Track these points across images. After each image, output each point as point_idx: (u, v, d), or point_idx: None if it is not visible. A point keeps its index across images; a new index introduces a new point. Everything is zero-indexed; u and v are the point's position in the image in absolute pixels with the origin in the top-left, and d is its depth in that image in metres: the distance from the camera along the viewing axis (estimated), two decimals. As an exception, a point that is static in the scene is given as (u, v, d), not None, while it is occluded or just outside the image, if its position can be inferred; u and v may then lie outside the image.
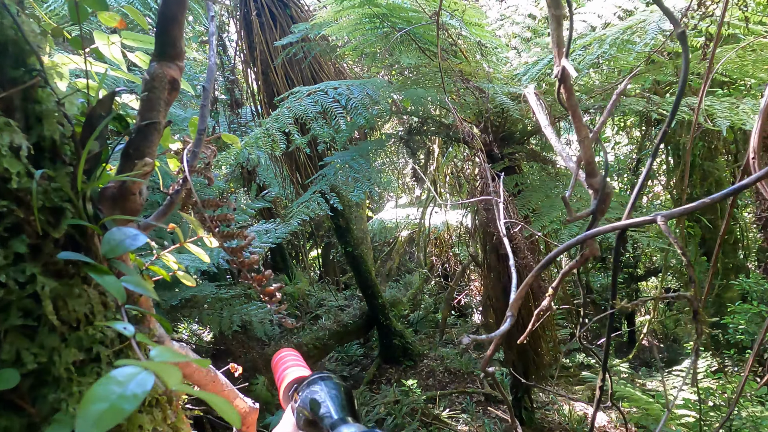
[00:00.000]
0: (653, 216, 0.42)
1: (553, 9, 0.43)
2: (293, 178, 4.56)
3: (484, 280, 4.91)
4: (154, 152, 0.45)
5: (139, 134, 0.44)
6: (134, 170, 0.42)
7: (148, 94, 0.44)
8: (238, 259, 0.45)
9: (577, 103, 0.45)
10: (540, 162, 3.49)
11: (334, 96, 2.67)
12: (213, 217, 0.45)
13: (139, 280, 0.36)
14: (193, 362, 0.29)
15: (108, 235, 0.37)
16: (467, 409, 4.38)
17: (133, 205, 0.44)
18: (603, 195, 0.47)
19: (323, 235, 8.49)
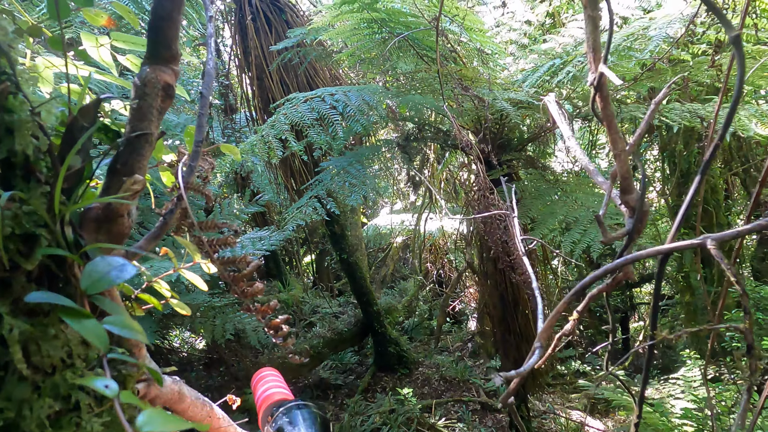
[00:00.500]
0: (702, 239, 0.38)
1: (589, 10, 0.39)
2: (288, 184, 4.51)
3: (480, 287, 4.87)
4: (145, 167, 0.40)
5: (128, 147, 0.39)
6: (122, 189, 0.37)
7: (139, 102, 0.39)
8: (240, 288, 0.40)
9: (614, 114, 0.40)
10: (538, 169, 3.46)
11: (331, 102, 2.63)
12: (212, 241, 0.40)
13: (125, 320, 0.31)
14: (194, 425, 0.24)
15: (89, 266, 0.32)
16: (463, 418, 4.33)
17: (120, 228, 0.38)
18: (640, 214, 0.43)
19: (317, 241, 8.43)
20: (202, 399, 0.57)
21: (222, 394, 3.24)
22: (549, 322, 0.43)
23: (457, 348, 6.31)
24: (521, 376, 0.39)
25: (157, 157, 0.50)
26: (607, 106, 0.41)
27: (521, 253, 0.74)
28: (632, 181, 0.43)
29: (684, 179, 5.12)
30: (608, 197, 0.47)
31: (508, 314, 3.44)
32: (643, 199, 0.43)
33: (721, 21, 0.36)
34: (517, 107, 2.63)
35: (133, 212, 0.39)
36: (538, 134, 3.53)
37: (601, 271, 0.41)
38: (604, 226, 0.44)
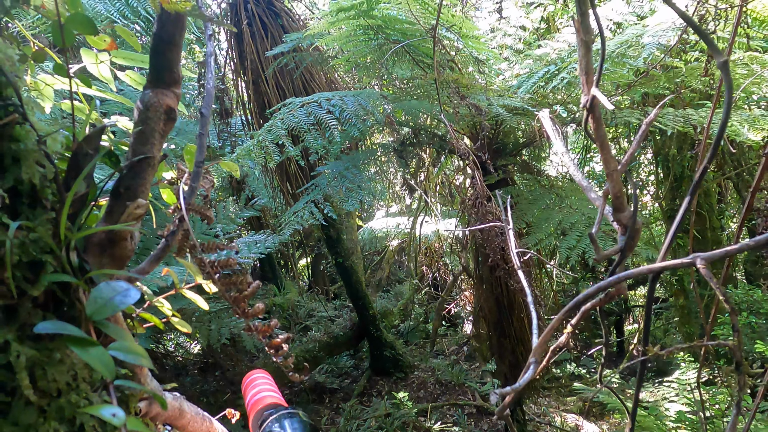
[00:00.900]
0: (691, 258, 0.39)
1: (582, 34, 0.39)
2: (283, 188, 4.51)
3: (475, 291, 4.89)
4: (148, 190, 0.40)
5: (130, 171, 0.40)
6: (126, 213, 0.38)
7: (141, 127, 0.40)
8: (241, 308, 0.41)
9: (606, 135, 0.41)
10: (533, 173, 3.48)
11: (328, 107, 2.64)
12: (213, 263, 0.41)
13: (130, 345, 0.31)
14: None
15: (95, 292, 0.32)
16: (459, 422, 4.33)
17: (123, 251, 0.39)
18: (632, 231, 0.43)
19: (313, 245, 8.42)
20: (201, 414, 0.57)
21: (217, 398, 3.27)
22: (543, 338, 0.44)
23: (453, 351, 6.32)
24: (516, 392, 0.40)
25: (158, 174, 0.51)
26: (600, 127, 0.42)
27: (517, 267, 0.75)
28: (624, 199, 0.44)
29: (677, 183, 5.16)
30: (601, 215, 0.47)
31: (503, 318, 3.45)
32: (635, 217, 0.44)
33: (710, 47, 0.37)
34: (513, 113, 2.64)
35: (135, 235, 0.40)
36: (533, 139, 3.55)
37: (594, 289, 0.42)
38: (597, 243, 0.45)
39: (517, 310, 3.42)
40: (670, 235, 0.42)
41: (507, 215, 0.89)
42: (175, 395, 0.51)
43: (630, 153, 0.45)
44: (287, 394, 4.92)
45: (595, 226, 0.48)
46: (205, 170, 0.48)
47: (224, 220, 3.71)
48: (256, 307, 0.40)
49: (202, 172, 0.43)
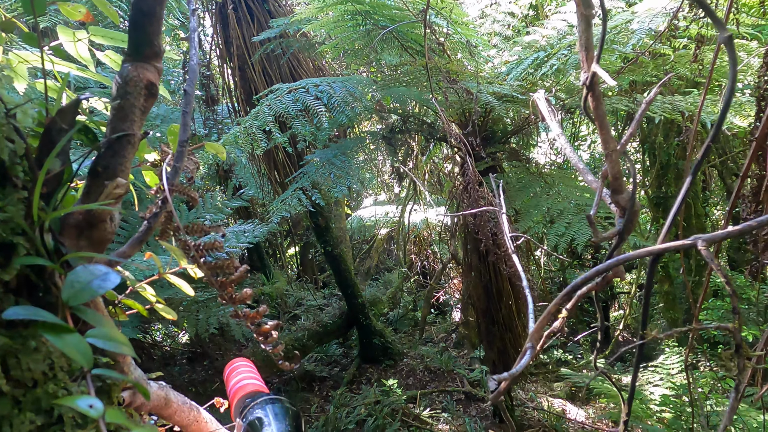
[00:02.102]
0: (693, 240, 0.38)
1: (582, 8, 0.38)
2: (271, 176, 4.47)
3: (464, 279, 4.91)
4: (128, 169, 0.38)
5: (109, 149, 0.37)
6: (104, 194, 0.36)
7: (120, 102, 0.37)
8: (227, 294, 0.39)
9: (605, 113, 0.40)
10: (521, 161, 3.49)
11: (316, 94, 2.61)
12: (199, 245, 0.39)
13: (110, 332, 0.29)
14: None
15: (71, 276, 0.30)
16: (448, 408, 4.37)
17: (102, 234, 0.37)
18: (631, 214, 0.42)
19: (301, 233, 8.39)
20: (188, 403, 0.56)
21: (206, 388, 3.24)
22: (540, 323, 0.43)
23: (442, 339, 6.37)
24: (513, 377, 0.39)
25: (140, 156, 0.48)
26: (599, 105, 0.41)
27: (511, 251, 0.74)
28: (623, 181, 0.43)
29: (663, 171, 5.21)
30: (599, 197, 0.46)
31: (491, 305, 3.47)
32: (633, 199, 0.43)
33: (714, 21, 0.36)
34: (502, 100, 2.63)
35: (115, 217, 0.38)
36: (522, 127, 3.55)
37: (593, 272, 0.41)
38: (595, 225, 0.44)
39: (506, 297, 3.44)
40: (671, 216, 0.41)
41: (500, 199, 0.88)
42: (160, 384, 0.49)
43: (630, 133, 0.43)
44: (276, 382, 4.92)
45: (593, 208, 0.47)
46: (190, 152, 0.46)
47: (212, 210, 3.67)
48: (244, 293, 0.39)
49: (186, 152, 0.41)
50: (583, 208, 2.39)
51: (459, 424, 4.10)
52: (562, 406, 4.49)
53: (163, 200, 0.39)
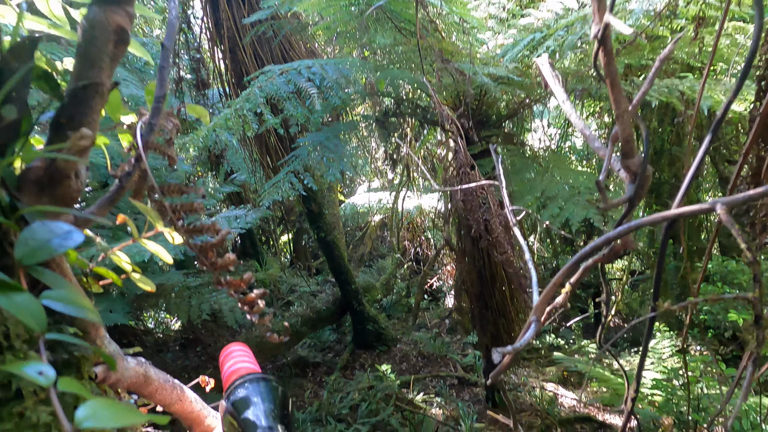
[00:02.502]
0: (711, 203, 0.35)
1: (594, -48, 0.35)
2: (263, 161, 4.42)
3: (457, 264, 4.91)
4: (95, 122, 0.35)
5: (74, 99, 0.34)
6: (67, 145, 0.32)
7: (86, 47, 0.34)
8: (209, 260, 0.36)
9: (617, 71, 0.37)
10: (516, 145, 3.46)
11: (308, 75, 2.56)
12: (175, 207, 0.35)
13: (72, 295, 0.26)
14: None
15: (26, 233, 0.27)
16: (441, 393, 4.39)
17: (66, 191, 0.33)
18: (642, 179, 0.40)
19: (294, 220, 8.35)
20: (171, 381, 0.53)
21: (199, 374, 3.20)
22: (545, 296, 0.41)
23: (435, 325, 6.38)
24: (517, 351, 0.37)
25: (115, 117, 0.44)
26: (611, 61, 0.38)
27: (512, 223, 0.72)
28: (634, 144, 0.40)
29: (657, 156, 5.20)
30: (608, 162, 0.44)
31: (485, 290, 3.47)
32: (645, 163, 0.40)
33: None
34: (497, 82, 2.59)
35: (82, 173, 0.34)
36: (517, 110, 3.52)
37: (602, 240, 0.38)
38: (605, 192, 0.41)
39: (499, 282, 3.44)
40: (687, 180, 0.39)
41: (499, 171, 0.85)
42: (139, 360, 0.46)
43: (642, 92, 0.41)
44: (270, 368, 4.92)
45: (602, 173, 0.44)
46: (170, 113, 0.43)
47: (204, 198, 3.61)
48: (227, 258, 0.36)
49: (162, 109, 0.38)
50: (578, 190, 2.37)
51: (452, 409, 4.12)
52: (555, 390, 4.53)
53: (136, 158, 0.35)
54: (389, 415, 3.76)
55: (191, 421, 0.56)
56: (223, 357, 0.66)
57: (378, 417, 3.75)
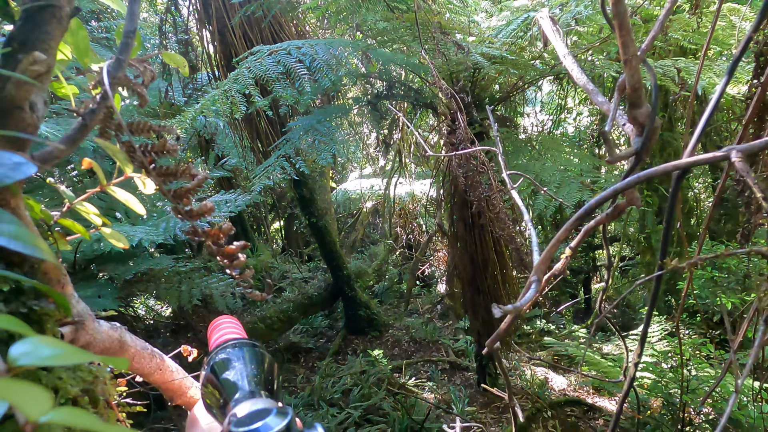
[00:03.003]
0: (726, 150, 0.33)
1: None
2: (254, 146, 4.36)
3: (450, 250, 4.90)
4: (53, 50, 0.31)
5: (27, 22, 0.30)
6: (18, 70, 0.29)
7: (41, -36, 0.30)
8: (183, 206, 0.33)
9: (626, 11, 0.35)
10: (509, 128, 3.44)
11: (298, 56, 2.50)
12: (146, 147, 0.32)
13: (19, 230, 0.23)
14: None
15: (-35, 161, 0.24)
16: (433, 377, 4.42)
17: (20, 124, 0.30)
18: (650, 131, 0.37)
19: (285, 206, 8.30)
20: (150, 350, 0.50)
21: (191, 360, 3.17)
22: (547, 253, 0.38)
23: (427, 310, 6.40)
24: (518, 311, 0.34)
25: (84, 63, 0.41)
26: (620, 1, 0.35)
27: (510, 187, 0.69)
28: (642, 92, 0.38)
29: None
30: (614, 112, 0.41)
31: (477, 275, 3.46)
32: (654, 114, 0.37)
33: None
34: (491, 62, 2.56)
35: (38, 106, 0.31)
36: (510, 94, 3.49)
37: (609, 192, 0.36)
38: (611, 142, 0.39)
39: (491, 267, 3.44)
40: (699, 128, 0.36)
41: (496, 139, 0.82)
42: (113, 325, 0.43)
43: (652, 35, 0.38)
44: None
45: (608, 123, 0.41)
46: (144, 60, 0.39)
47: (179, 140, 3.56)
48: (203, 206, 0.33)
49: (132, 45, 0.34)
50: (571, 174, 2.36)
51: (444, 393, 4.14)
52: (545, 374, 4.57)
53: (102, 95, 0.32)
54: (381, 399, 3.77)
55: (172, 391, 0.53)
56: (210, 330, 0.63)
57: (370, 401, 3.76)
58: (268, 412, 0.38)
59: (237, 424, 0.37)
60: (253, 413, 0.38)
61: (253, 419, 0.37)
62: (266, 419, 0.37)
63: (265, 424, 0.37)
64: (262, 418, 0.37)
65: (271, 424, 0.37)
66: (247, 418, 0.38)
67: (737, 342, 1.46)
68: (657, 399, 3.44)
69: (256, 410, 0.39)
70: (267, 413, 0.38)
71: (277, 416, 0.38)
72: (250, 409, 0.39)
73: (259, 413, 0.38)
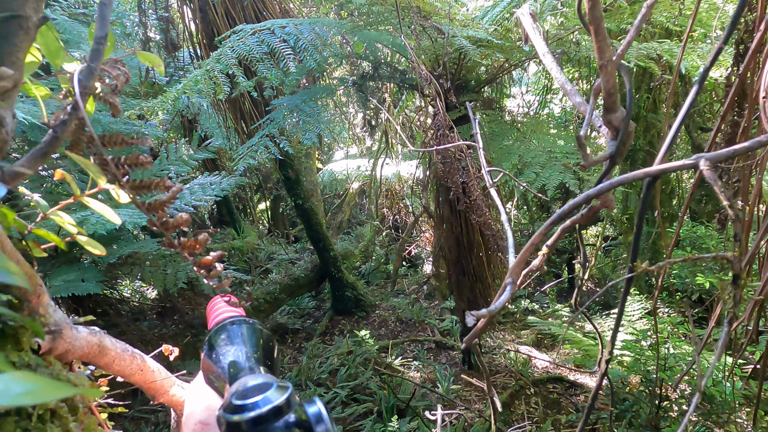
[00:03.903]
0: (695, 159, 0.33)
1: None
2: (238, 127, 4.30)
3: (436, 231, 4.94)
4: (20, 62, 0.30)
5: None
6: (-17, 86, 0.28)
7: (5, -27, 0.29)
8: (158, 219, 0.33)
9: (602, 17, 0.35)
10: (495, 110, 3.43)
11: (282, 36, 2.46)
12: (119, 160, 0.32)
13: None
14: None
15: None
16: (419, 357, 4.48)
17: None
18: (624, 135, 0.38)
19: (271, 187, 8.24)
20: (131, 351, 0.50)
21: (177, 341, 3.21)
22: (522, 257, 0.39)
23: (413, 291, 6.47)
24: (492, 314, 0.35)
25: (55, 64, 0.40)
26: (596, 6, 0.35)
27: (489, 184, 0.70)
28: (617, 97, 0.38)
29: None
30: (589, 116, 0.41)
31: (462, 256, 3.50)
32: (628, 118, 0.38)
33: None
34: (477, 45, 2.54)
35: (7, 122, 0.30)
36: (496, 75, 3.48)
37: (582, 197, 0.37)
38: (586, 148, 0.39)
39: (476, 248, 3.47)
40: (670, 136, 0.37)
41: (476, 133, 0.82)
42: (92, 330, 0.43)
43: (628, 41, 0.38)
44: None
45: (584, 127, 0.42)
46: (119, 61, 0.38)
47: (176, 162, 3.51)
48: (178, 217, 0.33)
49: (103, 51, 0.34)
50: (555, 156, 2.37)
51: (429, 371, 4.21)
52: (529, 352, 4.66)
53: (73, 105, 0.32)
54: (368, 378, 3.82)
55: (154, 390, 0.53)
56: (209, 309, 0.63)
57: (357, 381, 3.81)
58: (268, 386, 0.39)
59: (238, 397, 0.38)
60: (253, 387, 0.39)
61: (253, 393, 0.38)
62: (266, 393, 0.38)
63: (265, 398, 0.38)
64: (262, 392, 0.38)
65: (272, 397, 0.38)
66: (248, 391, 0.39)
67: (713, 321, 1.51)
68: (636, 376, 3.54)
69: (256, 384, 0.40)
70: (267, 387, 0.39)
71: (277, 390, 0.39)
72: (251, 384, 0.40)
73: (259, 387, 0.39)
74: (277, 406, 0.37)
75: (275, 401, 0.37)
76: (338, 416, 3.43)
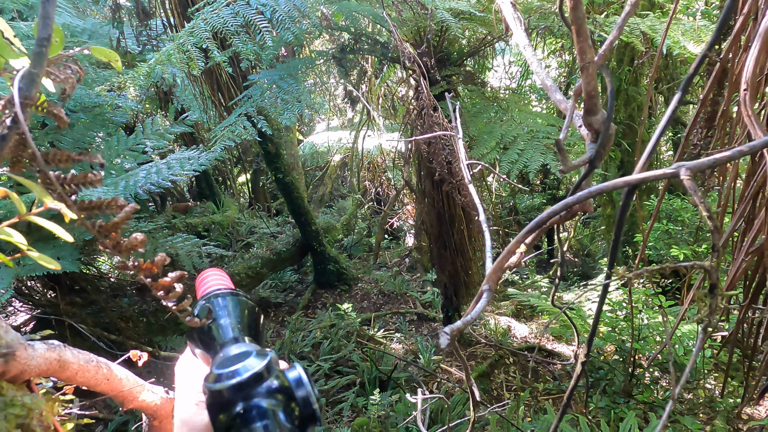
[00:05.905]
0: (675, 168, 0.33)
1: None
2: (215, 99, 4.18)
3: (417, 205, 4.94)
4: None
5: None
6: None
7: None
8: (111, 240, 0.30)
9: (584, 17, 0.33)
10: (477, 85, 3.40)
11: (258, 7, 2.37)
12: (65, 179, 0.29)
13: None
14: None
15: None
16: (401, 329, 4.55)
17: None
18: (605, 138, 0.37)
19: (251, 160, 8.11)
20: (95, 361, 0.48)
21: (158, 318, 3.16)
22: (499, 263, 0.38)
23: (395, 263, 6.51)
24: (467, 324, 0.35)
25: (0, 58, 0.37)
26: (578, 6, 0.33)
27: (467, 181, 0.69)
28: (598, 99, 0.37)
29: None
30: (569, 118, 0.40)
31: (444, 230, 3.52)
32: (609, 121, 0.37)
33: None
34: (458, 18, 2.49)
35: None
36: (478, 48, 3.43)
37: (560, 206, 0.36)
38: (565, 152, 0.38)
39: (458, 223, 3.49)
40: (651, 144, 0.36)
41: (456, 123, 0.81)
42: (51, 345, 0.42)
43: (609, 42, 0.37)
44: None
45: (563, 131, 0.40)
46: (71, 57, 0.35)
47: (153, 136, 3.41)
48: (132, 239, 0.31)
49: (47, 53, 0.31)
50: (536, 135, 2.36)
51: (411, 343, 4.28)
52: (508, 323, 4.76)
53: (12, 119, 0.29)
54: (350, 351, 3.87)
55: (122, 398, 0.52)
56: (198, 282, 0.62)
57: (339, 353, 3.86)
58: (248, 354, 0.40)
59: (219, 366, 0.39)
60: (234, 356, 0.40)
61: (234, 361, 0.39)
62: (245, 361, 0.39)
63: (244, 366, 0.38)
64: (241, 360, 0.39)
65: (252, 364, 0.38)
66: (228, 360, 0.39)
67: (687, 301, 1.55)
68: (611, 345, 3.65)
69: (237, 353, 0.40)
70: (247, 355, 0.40)
71: (256, 357, 0.39)
72: (233, 353, 0.41)
73: (239, 356, 0.40)
74: (257, 372, 0.37)
75: (255, 368, 0.38)
76: (321, 388, 3.48)
